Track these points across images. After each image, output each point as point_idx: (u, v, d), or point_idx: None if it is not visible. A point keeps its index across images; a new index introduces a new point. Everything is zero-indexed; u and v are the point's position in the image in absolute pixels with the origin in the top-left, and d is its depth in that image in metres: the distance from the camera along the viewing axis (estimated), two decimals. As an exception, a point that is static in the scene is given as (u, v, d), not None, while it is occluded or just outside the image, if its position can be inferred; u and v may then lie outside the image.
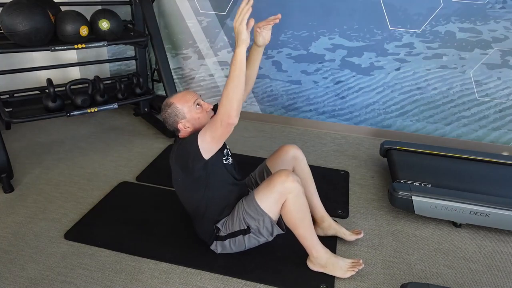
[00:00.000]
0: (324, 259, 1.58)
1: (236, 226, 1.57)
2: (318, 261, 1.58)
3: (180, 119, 1.51)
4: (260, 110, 3.28)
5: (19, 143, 2.71)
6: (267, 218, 1.52)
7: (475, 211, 1.85)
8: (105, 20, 2.26)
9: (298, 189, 1.48)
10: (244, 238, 1.58)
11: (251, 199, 1.54)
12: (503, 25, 2.53)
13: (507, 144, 2.84)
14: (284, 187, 1.46)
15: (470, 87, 2.76)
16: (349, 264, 1.60)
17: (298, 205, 1.49)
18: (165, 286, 1.54)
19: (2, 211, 1.97)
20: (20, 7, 1.96)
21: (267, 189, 1.51)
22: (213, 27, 3.04)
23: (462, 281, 1.64)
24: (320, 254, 1.57)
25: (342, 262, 1.60)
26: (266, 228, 1.54)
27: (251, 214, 1.52)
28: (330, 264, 1.58)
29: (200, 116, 1.53)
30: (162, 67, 2.73)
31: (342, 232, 1.80)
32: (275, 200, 1.49)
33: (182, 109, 1.51)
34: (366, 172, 2.53)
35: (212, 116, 1.53)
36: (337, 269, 1.58)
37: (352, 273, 1.58)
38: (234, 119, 1.33)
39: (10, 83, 2.67)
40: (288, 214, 1.51)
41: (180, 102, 1.52)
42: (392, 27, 2.71)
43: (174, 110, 1.51)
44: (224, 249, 1.64)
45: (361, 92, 2.98)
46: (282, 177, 1.48)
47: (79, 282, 1.54)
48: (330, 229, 1.81)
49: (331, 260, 1.58)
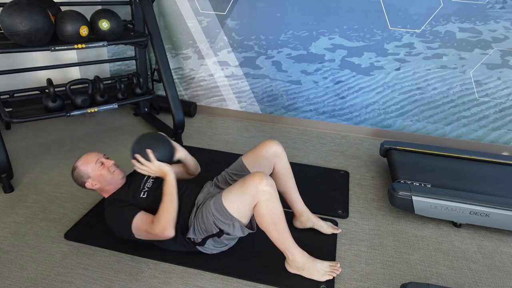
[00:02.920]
0: (301, 262, 1.57)
1: (208, 230, 1.54)
2: (294, 264, 1.58)
3: (86, 178, 1.65)
4: (260, 110, 3.28)
5: (19, 143, 2.71)
6: (237, 223, 1.50)
7: (475, 211, 1.85)
8: (105, 20, 2.26)
9: (271, 193, 1.46)
10: (220, 239, 1.58)
11: (220, 203, 1.50)
12: (503, 25, 2.53)
13: (507, 144, 2.84)
14: (256, 190, 1.45)
15: (470, 87, 2.76)
16: (327, 268, 1.59)
17: (270, 209, 1.47)
18: (165, 286, 1.54)
19: (2, 211, 1.97)
20: (20, 7, 1.96)
21: (239, 192, 1.48)
22: (213, 27, 3.04)
23: (462, 281, 1.64)
24: (296, 257, 1.57)
25: (320, 265, 1.58)
26: (236, 230, 1.53)
27: (220, 219, 1.50)
28: (308, 268, 1.57)
29: (102, 173, 1.65)
30: (162, 67, 2.72)
31: (319, 225, 1.85)
32: (247, 203, 1.47)
33: (85, 170, 1.65)
34: (366, 172, 2.53)
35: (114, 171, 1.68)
36: (314, 272, 1.57)
37: (330, 277, 1.56)
38: (169, 232, 1.51)
39: (10, 83, 2.67)
40: (260, 217, 1.49)
41: (83, 164, 1.66)
42: (392, 27, 2.71)
43: (79, 173, 1.66)
44: (210, 250, 1.64)
45: (361, 92, 2.98)
46: (255, 180, 1.46)
47: (79, 282, 1.54)
48: (308, 221, 1.86)
49: (308, 264, 1.57)
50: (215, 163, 2.33)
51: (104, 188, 1.69)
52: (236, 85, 3.22)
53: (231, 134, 3.03)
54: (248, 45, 3.04)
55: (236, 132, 3.06)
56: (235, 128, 3.14)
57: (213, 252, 1.66)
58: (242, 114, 3.31)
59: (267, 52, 3.02)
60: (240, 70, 3.15)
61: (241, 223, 1.51)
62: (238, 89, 3.24)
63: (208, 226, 1.53)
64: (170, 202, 1.54)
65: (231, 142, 2.87)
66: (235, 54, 3.10)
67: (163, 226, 1.49)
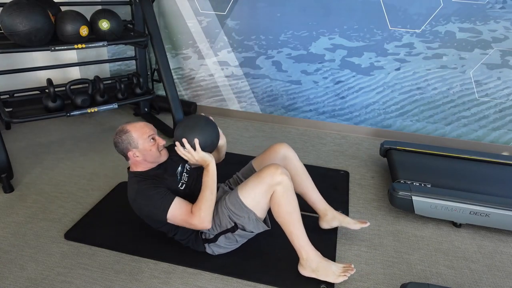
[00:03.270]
0: (315, 263, 1.54)
1: (223, 225, 1.56)
2: (308, 264, 1.55)
3: (132, 147, 1.55)
4: (260, 110, 3.28)
5: (19, 143, 2.71)
6: (252, 215, 1.52)
7: (475, 211, 1.85)
8: (105, 20, 2.26)
9: (287, 182, 1.48)
10: (234, 235, 1.58)
11: (235, 196, 1.53)
12: (503, 25, 2.53)
13: (507, 144, 2.84)
14: (272, 179, 1.47)
15: (470, 87, 2.76)
16: (341, 269, 1.55)
17: (287, 198, 1.49)
18: (165, 286, 1.54)
19: (2, 211, 1.97)
20: (20, 7, 1.96)
21: (255, 182, 1.50)
22: (213, 27, 3.04)
23: (462, 281, 1.64)
24: (310, 256, 1.54)
25: (334, 266, 1.55)
26: (252, 224, 1.54)
27: (235, 212, 1.52)
28: (322, 268, 1.54)
29: (152, 149, 1.57)
30: (162, 67, 2.72)
31: (346, 221, 1.79)
32: (263, 192, 1.49)
33: (137, 139, 1.55)
34: (366, 172, 2.53)
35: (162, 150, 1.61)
36: (329, 274, 1.53)
37: (345, 278, 1.53)
38: (207, 224, 1.50)
39: (10, 83, 2.67)
40: (277, 206, 1.50)
41: (137, 132, 1.56)
42: (392, 27, 2.71)
43: (129, 138, 1.55)
44: (219, 248, 1.64)
45: (361, 92, 2.98)
46: (271, 170, 1.49)
47: (79, 282, 1.54)
48: (335, 220, 1.80)
49: (322, 264, 1.54)
50: (215, 163, 2.32)
51: (142, 163, 1.59)
52: (236, 85, 3.22)
53: (231, 134, 3.03)
54: (248, 45, 3.04)
55: (236, 132, 3.06)
56: (235, 128, 3.14)
57: (220, 252, 1.66)
58: (242, 114, 3.31)
59: (267, 52, 3.02)
60: (240, 70, 3.15)
61: (256, 215, 1.52)
62: (238, 89, 3.24)
63: (223, 221, 1.55)
64: (210, 194, 1.50)
65: (231, 142, 2.87)
66: (235, 54, 3.10)
67: (203, 218, 1.47)
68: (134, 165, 1.62)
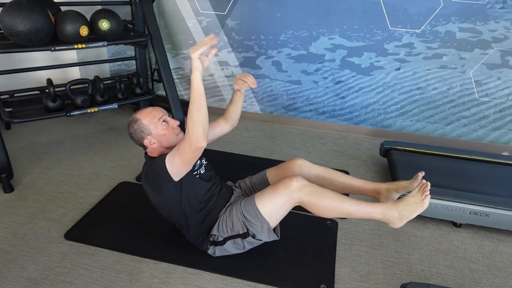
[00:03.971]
0: (395, 212, 1.42)
1: (235, 229, 1.55)
2: (391, 218, 1.42)
3: (146, 135, 1.51)
4: (260, 110, 3.28)
5: (19, 143, 2.71)
6: (266, 225, 1.51)
7: (475, 211, 1.85)
8: (105, 20, 2.26)
9: (303, 182, 1.47)
10: (243, 241, 1.58)
11: (252, 204, 1.52)
12: (503, 25, 2.53)
13: (507, 144, 2.84)
14: (287, 190, 1.46)
15: (470, 87, 2.76)
16: (418, 192, 1.42)
17: (318, 196, 1.46)
18: (165, 286, 1.54)
19: (2, 211, 1.97)
20: (20, 7, 1.96)
21: (272, 194, 1.50)
22: (213, 27, 3.04)
23: (462, 281, 1.64)
24: (386, 212, 1.43)
25: (411, 198, 1.42)
26: (264, 234, 1.54)
27: (250, 219, 1.51)
28: (405, 211, 1.41)
29: (166, 133, 1.53)
30: (162, 67, 2.72)
31: (403, 186, 1.63)
32: (282, 203, 1.48)
33: (148, 126, 1.51)
34: (366, 172, 2.53)
35: (178, 133, 1.57)
36: (413, 208, 1.40)
37: (429, 198, 1.40)
38: (202, 143, 1.33)
39: (10, 83, 2.67)
40: (314, 206, 1.47)
41: (147, 118, 1.52)
42: (392, 27, 2.71)
43: (140, 126, 1.51)
44: (223, 252, 1.64)
45: (361, 92, 2.98)
46: (286, 181, 1.48)
47: (79, 282, 1.54)
48: (392, 192, 1.65)
49: (401, 207, 1.42)
50: (215, 163, 2.32)
51: (159, 149, 1.54)
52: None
53: (231, 134, 3.01)
54: (248, 45, 3.04)
55: (236, 132, 3.06)
56: (235, 128, 3.13)
57: (221, 255, 1.66)
58: (242, 114, 3.27)
59: (267, 52, 3.02)
60: (240, 70, 3.15)
61: (269, 225, 1.52)
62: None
63: (236, 225, 1.54)
64: (198, 108, 1.33)
65: (231, 142, 2.87)
66: (235, 54, 3.10)
67: (196, 137, 1.31)
68: (152, 152, 1.58)
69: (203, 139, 1.32)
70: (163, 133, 1.52)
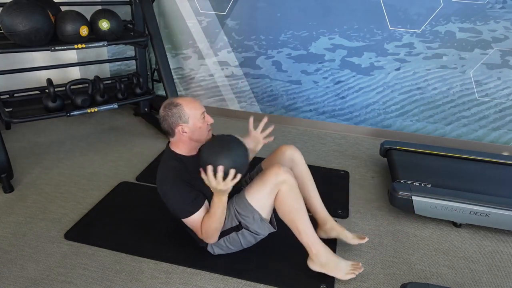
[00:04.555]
0: (325, 257, 1.54)
1: (228, 223, 1.56)
2: (318, 259, 1.54)
3: (182, 122, 1.48)
4: (260, 110, 3.28)
5: (19, 143, 2.71)
6: (257, 215, 1.52)
7: (475, 211, 1.85)
8: (105, 20, 2.26)
9: (291, 180, 1.49)
10: (238, 235, 1.58)
11: (242, 196, 1.54)
12: (503, 25, 2.53)
13: (507, 144, 2.84)
14: (277, 179, 1.47)
15: (470, 87, 2.76)
16: (350, 267, 1.56)
17: (292, 196, 1.49)
18: (165, 286, 1.54)
19: (2, 211, 1.97)
20: (20, 7, 1.96)
21: (259, 184, 1.51)
22: (213, 27, 3.04)
23: (462, 281, 1.64)
24: (320, 251, 1.54)
25: (343, 263, 1.56)
26: (256, 224, 1.54)
27: (240, 211, 1.53)
28: (331, 263, 1.54)
29: (201, 126, 1.52)
30: (162, 67, 2.72)
31: (344, 235, 1.73)
32: (268, 192, 1.49)
33: (188, 113, 1.48)
34: (366, 172, 2.53)
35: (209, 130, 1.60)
36: (338, 269, 1.54)
37: (353, 276, 1.54)
38: (213, 240, 1.56)
39: (10, 83, 2.67)
40: (282, 205, 1.50)
41: (189, 106, 1.49)
42: (392, 27, 2.71)
43: (180, 111, 1.48)
44: (221, 248, 1.64)
45: (361, 92, 2.98)
46: (274, 169, 1.49)
47: (79, 282, 1.54)
48: (333, 231, 1.75)
49: (332, 260, 1.54)
50: (215, 163, 2.32)
51: (187, 140, 1.53)
52: (236, 85, 3.22)
53: (231, 134, 3.02)
54: (248, 45, 3.04)
55: (236, 132, 3.03)
56: (235, 128, 3.14)
57: (220, 253, 1.66)
58: (242, 114, 3.31)
59: (267, 52, 3.02)
60: (240, 70, 3.15)
61: (261, 216, 1.52)
62: (238, 89, 3.24)
63: (228, 219, 1.55)
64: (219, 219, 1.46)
65: (231, 142, 2.86)
66: (235, 54, 3.10)
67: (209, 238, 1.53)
68: (175, 143, 1.55)
69: (215, 239, 1.55)
70: (198, 126, 1.51)
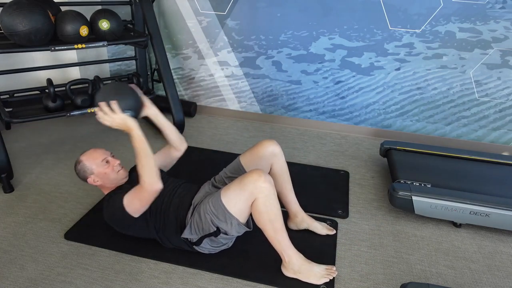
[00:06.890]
0: (297, 265, 1.55)
1: (206, 229, 1.54)
2: (291, 267, 1.55)
3: (89, 174, 1.64)
4: (260, 110, 3.28)
5: (19, 143, 2.71)
6: (235, 221, 1.50)
7: (475, 211, 1.85)
8: (105, 20, 2.26)
9: (269, 190, 1.46)
10: (217, 239, 1.58)
11: (218, 201, 1.50)
12: (503, 25, 2.53)
13: (507, 144, 2.84)
14: (255, 187, 1.45)
15: (470, 87, 2.76)
16: (324, 271, 1.57)
17: (268, 206, 1.47)
18: (165, 286, 1.54)
19: (2, 211, 1.97)
20: (20, 7, 1.96)
21: (237, 188, 1.48)
22: (213, 27, 3.04)
23: (462, 281, 1.64)
24: (292, 259, 1.54)
25: (316, 268, 1.57)
26: (234, 229, 1.53)
27: (218, 217, 1.50)
28: (304, 270, 1.55)
29: (107, 171, 1.65)
30: (162, 67, 2.73)
31: (314, 226, 1.84)
32: (245, 199, 1.47)
33: (90, 166, 1.64)
34: (366, 172, 2.53)
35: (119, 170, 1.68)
36: (311, 275, 1.55)
37: (326, 280, 1.55)
38: (157, 185, 1.48)
39: (10, 83, 2.67)
40: (257, 214, 1.49)
41: (88, 160, 1.65)
42: (392, 27, 2.71)
43: (83, 167, 1.64)
44: (208, 249, 1.64)
45: (361, 92, 2.98)
46: (254, 176, 1.46)
47: (79, 282, 1.54)
48: (303, 223, 1.84)
49: (304, 266, 1.55)
50: (215, 163, 2.32)
51: (105, 185, 1.69)
52: (236, 85, 3.22)
53: (231, 134, 3.03)
54: (248, 45, 3.04)
55: (236, 132, 3.06)
56: (235, 128, 3.14)
57: (210, 252, 1.66)
58: (242, 114, 3.31)
59: (267, 52, 3.02)
60: (240, 70, 3.15)
61: (238, 221, 1.51)
62: (238, 89, 3.24)
63: (206, 225, 1.53)
64: (145, 157, 1.45)
65: (231, 142, 2.87)
66: (235, 54, 3.10)
67: (150, 182, 1.46)
68: (102, 188, 1.72)
69: (158, 182, 1.47)
70: (104, 172, 1.64)
